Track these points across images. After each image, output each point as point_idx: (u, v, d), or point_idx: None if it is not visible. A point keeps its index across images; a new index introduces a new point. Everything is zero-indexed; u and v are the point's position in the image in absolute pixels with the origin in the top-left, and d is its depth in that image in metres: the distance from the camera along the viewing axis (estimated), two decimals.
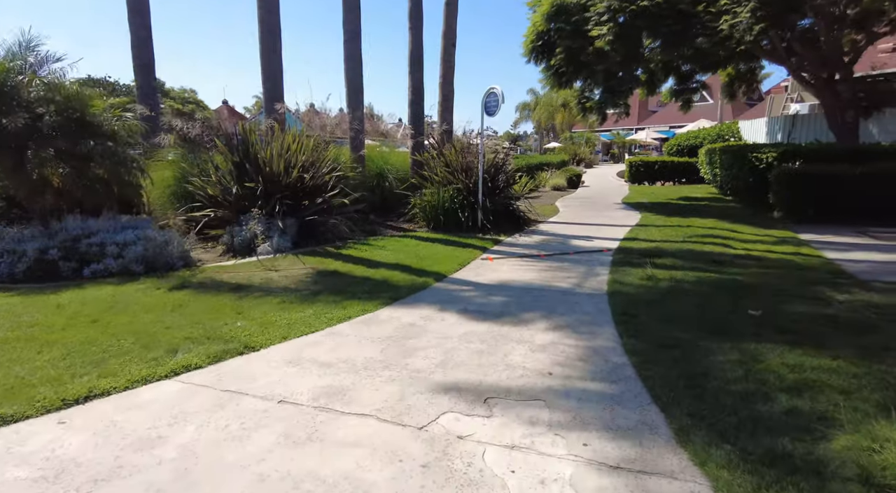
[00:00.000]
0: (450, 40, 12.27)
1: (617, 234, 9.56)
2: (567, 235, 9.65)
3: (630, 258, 7.28)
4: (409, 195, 10.91)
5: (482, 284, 6.12)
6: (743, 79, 18.20)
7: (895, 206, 10.47)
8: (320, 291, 5.76)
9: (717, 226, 10.14)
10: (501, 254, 7.94)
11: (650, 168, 21.86)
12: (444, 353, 3.95)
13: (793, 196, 11.21)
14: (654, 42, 12.12)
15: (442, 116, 12.37)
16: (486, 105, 9.94)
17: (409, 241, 8.93)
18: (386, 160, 11.59)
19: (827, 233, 9.52)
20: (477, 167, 10.34)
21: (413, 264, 7.02)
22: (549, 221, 11.57)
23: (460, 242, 8.76)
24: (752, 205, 13.50)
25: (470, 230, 9.93)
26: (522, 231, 10.13)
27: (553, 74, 14.00)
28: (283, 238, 8.17)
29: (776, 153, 12.41)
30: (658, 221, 10.94)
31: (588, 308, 5.05)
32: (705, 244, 8.16)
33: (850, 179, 10.66)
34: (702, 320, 4.51)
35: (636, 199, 15.91)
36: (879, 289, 5.41)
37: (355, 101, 10.58)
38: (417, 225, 10.59)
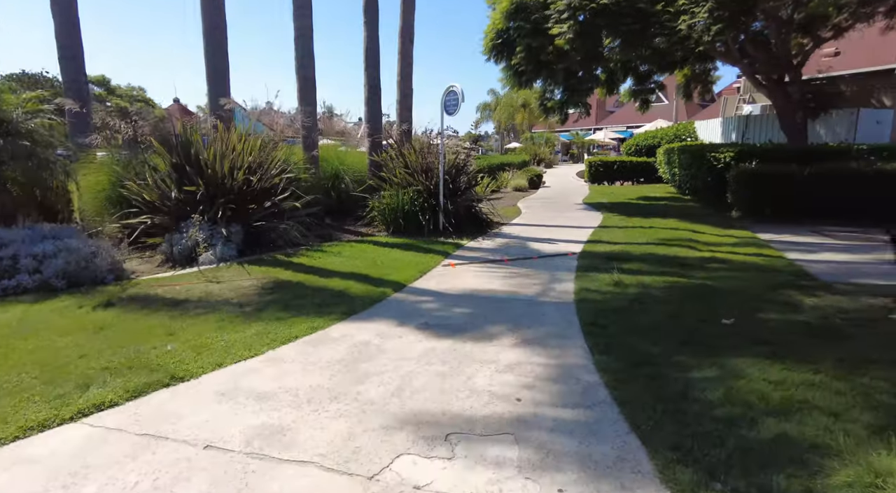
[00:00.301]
0: (407, 36, 11.84)
1: (580, 236, 9.37)
2: (530, 237, 9.39)
3: (595, 263, 7.05)
4: (367, 198, 10.43)
5: (444, 293, 5.74)
6: (698, 80, 18.52)
7: (845, 205, 10.73)
8: (266, 305, 5.24)
9: (679, 226, 10.11)
10: (464, 259, 7.59)
11: (609, 168, 22.05)
12: (402, 378, 3.54)
13: (751, 196, 11.34)
14: (613, 41, 12.04)
15: (401, 115, 11.93)
16: (446, 104, 9.57)
17: (366, 246, 8.46)
18: (342, 160, 11.05)
19: (784, 232, 9.62)
20: (438, 168, 9.96)
21: (370, 273, 6.57)
22: (511, 222, 11.31)
23: (421, 247, 8.36)
24: (711, 204, 13.65)
25: (431, 234, 9.54)
26: (485, 234, 9.81)
27: (513, 74, 13.76)
28: (228, 246, 7.57)
29: (733, 153, 12.56)
30: (620, 223, 10.84)
31: (556, 319, 4.74)
32: (670, 246, 8.04)
33: (803, 179, 10.85)
34: (674, 330, 4.27)
35: (597, 199, 15.90)
36: (843, 291, 5.33)
37: (308, 97, 10.01)
38: (376, 229, 10.12)
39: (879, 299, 5.00)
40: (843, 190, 10.63)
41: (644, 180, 21.58)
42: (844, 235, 9.30)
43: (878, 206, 10.54)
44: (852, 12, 14.23)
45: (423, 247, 8.39)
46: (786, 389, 3.15)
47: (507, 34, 13.59)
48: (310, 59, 10.02)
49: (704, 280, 5.88)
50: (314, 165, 10.14)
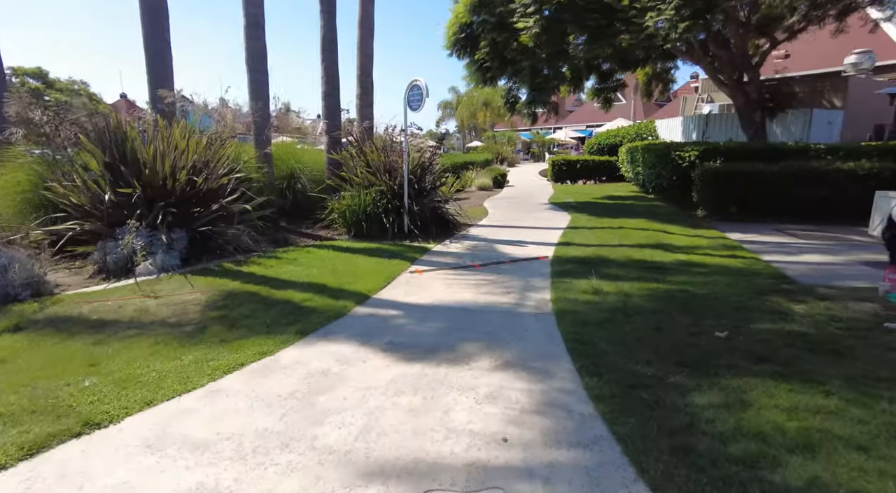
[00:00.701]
0: (367, 28, 11.24)
1: (550, 238, 9.04)
2: (500, 239, 8.99)
3: (570, 267, 6.70)
4: (326, 198, 9.79)
5: (412, 305, 5.24)
6: (659, 79, 18.67)
7: (805, 203, 10.83)
8: (209, 324, 4.60)
9: (649, 227, 9.93)
10: (432, 265, 7.10)
11: (572, 167, 22.01)
12: (367, 415, 3.03)
13: (717, 195, 11.33)
14: (579, 37, 11.79)
15: (361, 112, 11.31)
16: (409, 99, 9.05)
17: (325, 252, 7.84)
18: (298, 159, 10.34)
19: (751, 232, 9.59)
20: (402, 167, 9.43)
21: (329, 283, 5.99)
22: (479, 224, 10.89)
23: (386, 252, 7.81)
24: (676, 203, 13.65)
25: (396, 237, 9.01)
26: (453, 236, 9.35)
27: (477, 69, 13.35)
28: (170, 254, 6.82)
29: (698, 152, 12.56)
30: (589, 223, 10.59)
31: (536, 334, 4.32)
32: (643, 248, 7.79)
33: (766, 178, 10.90)
34: (665, 345, 3.92)
35: (562, 198, 15.71)
36: (828, 296, 5.14)
37: (259, 90, 9.27)
38: (336, 232, 9.50)
39: (867, 304, 4.82)
40: (803, 189, 10.73)
41: (606, 179, 21.65)
42: (808, 234, 9.34)
43: (835, 204, 10.70)
44: (804, 15, 14.58)
45: (388, 252, 7.85)
46: (801, 418, 2.81)
47: (472, 28, 13.17)
48: (261, 50, 9.29)
49: (685, 286, 5.59)
50: (268, 163, 9.41)
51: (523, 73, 12.33)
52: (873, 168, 10.45)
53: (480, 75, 13.56)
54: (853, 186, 10.53)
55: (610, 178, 21.59)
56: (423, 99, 8.82)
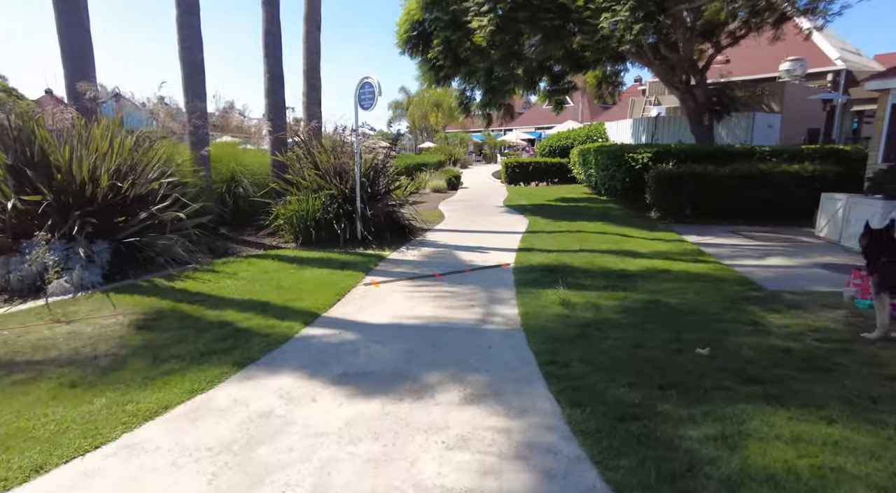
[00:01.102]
0: (314, 22, 10.58)
1: (510, 243, 8.73)
2: (458, 245, 8.59)
3: (534, 276, 6.38)
4: (270, 203, 9.08)
5: (368, 325, 4.73)
6: (609, 81, 18.88)
7: (755, 204, 11.06)
8: (130, 355, 3.94)
9: (606, 230, 9.81)
10: (389, 275, 6.60)
11: (525, 169, 21.97)
12: (318, 471, 2.52)
13: (670, 197, 11.39)
14: (533, 37, 11.60)
15: (308, 111, 10.64)
16: (360, 97, 8.50)
17: (269, 263, 7.18)
18: (239, 160, 9.56)
19: (707, 234, 9.63)
20: (353, 170, 8.87)
21: (273, 300, 5.38)
22: (436, 228, 10.46)
23: (337, 262, 7.24)
24: (629, 205, 13.72)
25: (348, 244, 8.43)
26: (409, 243, 8.87)
27: (430, 69, 12.93)
28: (90, 270, 6.00)
29: (651, 154, 12.64)
30: (548, 227, 10.37)
31: (507, 356, 3.92)
32: (604, 254, 7.59)
33: (717, 180, 11.05)
34: (646, 365, 3.61)
35: (517, 201, 15.53)
36: (797, 303, 5.03)
37: (195, 86, 8.47)
38: (282, 240, 8.81)
39: (836, 312, 4.73)
40: (752, 191, 10.95)
41: (558, 181, 21.74)
42: (762, 236, 9.47)
43: (781, 205, 10.98)
44: (745, 21, 15.08)
45: (340, 261, 7.28)
46: (810, 453, 2.53)
47: (424, 26, 12.75)
48: (196, 41, 8.48)
49: (656, 296, 5.36)
50: (205, 166, 8.61)
51: (478, 74, 12.01)
52: (816, 171, 10.78)
53: (433, 75, 13.15)
54: (798, 187, 10.84)
55: (562, 179, 21.70)
56: (375, 97, 8.30)
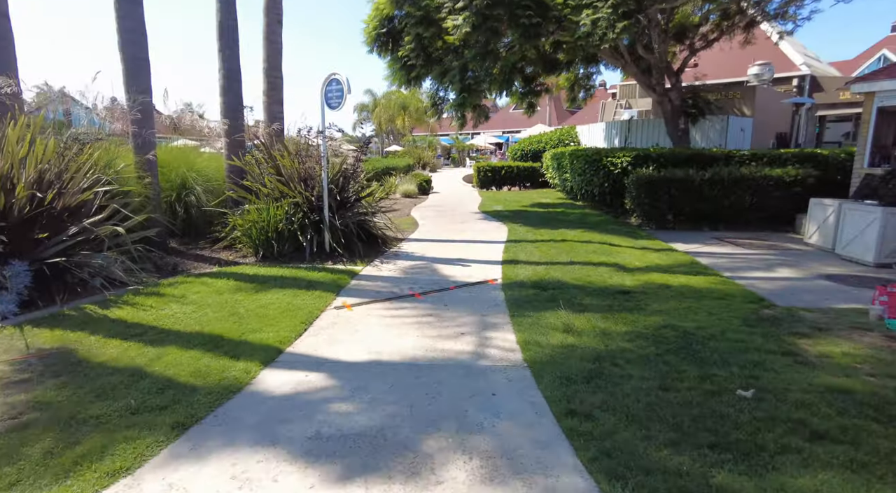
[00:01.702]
0: (275, 16, 9.71)
1: (492, 254, 8.09)
2: (437, 258, 7.88)
3: (525, 293, 5.73)
4: (227, 213, 8.16)
5: (343, 363, 3.97)
6: (581, 84, 18.56)
7: (737, 209, 10.79)
8: (35, 417, 3.07)
9: (592, 239, 9.28)
10: (363, 295, 5.83)
11: (497, 173, 21.46)
12: None
13: (652, 202, 11.01)
14: (510, 35, 11.02)
15: (269, 111, 9.74)
16: (327, 96, 7.70)
17: (224, 282, 6.29)
18: (191, 165, 8.57)
19: (692, 241, 9.25)
20: (320, 175, 8.06)
21: (228, 331, 4.55)
22: (410, 238, 9.72)
23: (303, 281, 6.41)
24: (607, 211, 13.34)
25: (316, 258, 7.61)
26: (383, 255, 8.11)
27: (401, 68, 12.18)
28: (3, 298, 5.01)
29: (630, 158, 12.27)
30: (529, 235, 9.78)
31: (515, 405, 3.23)
32: (597, 267, 7.02)
33: (700, 185, 10.73)
34: (685, 416, 2.98)
35: (492, 206, 14.95)
36: (822, 324, 4.54)
37: (138, 81, 7.48)
38: (240, 254, 7.90)
39: (871, 335, 4.25)
40: (734, 195, 10.67)
41: (530, 185, 21.33)
42: (749, 243, 9.14)
43: (762, 210, 10.75)
44: (716, 24, 14.99)
45: (306, 279, 6.46)
46: None
47: (394, 23, 12.02)
48: (138, 30, 7.50)
49: (667, 318, 4.79)
50: (151, 172, 7.63)
51: (452, 73, 11.34)
52: (798, 175, 10.58)
53: (404, 74, 12.41)
54: (779, 192, 10.62)
55: (534, 184, 21.30)
56: (343, 96, 7.52)
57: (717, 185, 10.68)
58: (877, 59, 29.94)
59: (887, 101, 8.65)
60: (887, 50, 30.13)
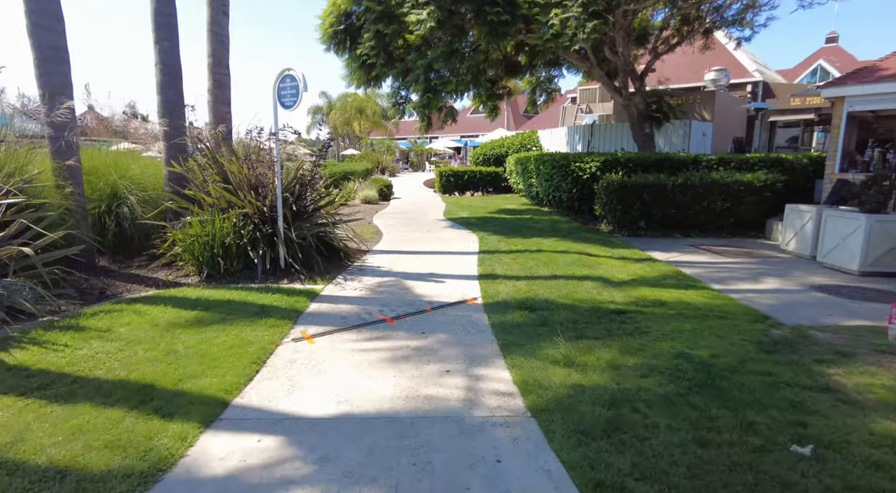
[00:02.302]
0: (220, 6, 8.76)
1: (466, 267, 7.45)
2: (407, 272, 7.17)
3: (512, 317, 5.11)
4: (167, 227, 7.17)
5: (305, 420, 3.20)
6: (543, 87, 18.28)
7: (708, 215, 10.62)
8: None
9: (568, 248, 8.81)
10: (326, 322, 5.06)
11: (459, 178, 20.93)
12: None
13: (623, 209, 10.69)
14: (476, 34, 10.46)
15: (215, 111, 8.76)
16: (280, 94, 6.87)
17: (161, 310, 5.36)
18: (123, 172, 7.48)
19: (670, 249, 8.92)
20: (273, 182, 7.20)
21: (160, 379, 3.69)
22: (375, 249, 8.96)
23: (255, 305, 5.56)
24: (576, 217, 12.98)
25: (270, 277, 6.75)
26: (346, 270, 7.32)
27: (360, 67, 11.40)
28: None
29: (599, 163, 11.95)
30: (502, 245, 9.21)
31: (528, 479, 2.57)
32: (581, 281, 6.50)
33: (671, 190, 10.49)
34: (740, 485, 2.41)
35: (457, 213, 14.35)
36: (843, 349, 4.14)
37: (52, 76, 6.43)
38: (183, 273, 6.93)
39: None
40: (706, 200, 10.49)
41: (493, 190, 20.92)
42: (726, 251, 8.90)
43: (731, 215, 10.62)
44: (677, 29, 14.99)
45: (258, 304, 5.61)
46: None
47: (352, 19, 11.24)
48: (53, 15, 6.44)
49: (676, 344, 4.27)
50: (74, 180, 6.57)
51: (416, 73, 10.65)
52: (767, 179, 10.50)
53: (363, 74, 11.63)
54: (750, 197, 10.51)
55: (496, 189, 20.90)
56: (299, 94, 6.71)
57: (690, 190, 10.47)
58: (812, 71, 31.37)
59: (857, 105, 8.61)
60: (823, 60, 31.58)
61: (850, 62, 30.65)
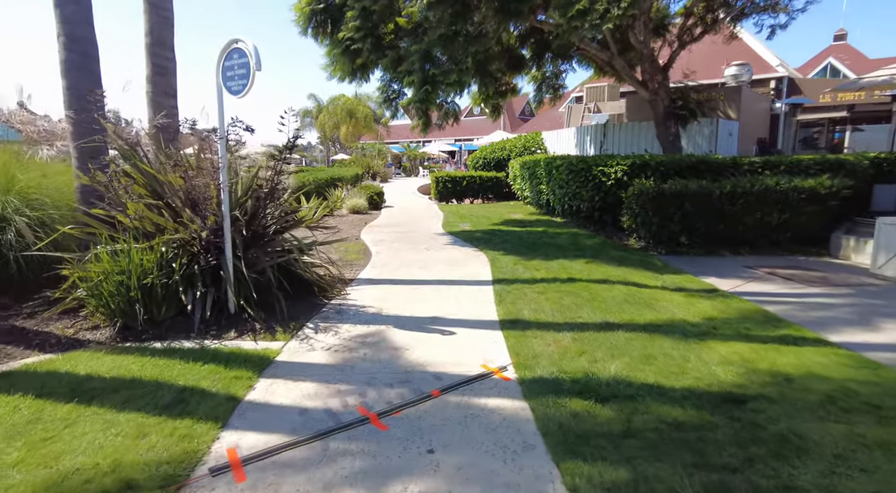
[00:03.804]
0: None
1: (481, 306, 5.59)
2: (401, 317, 5.28)
3: (571, 409, 3.24)
4: (67, 260, 5.22)
5: None
6: (550, 84, 16.51)
7: (760, 229, 8.85)
8: None
9: (606, 275, 6.97)
10: (272, 424, 3.15)
11: (458, 184, 19.05)
12: None
13: (662, 221, 8.88)
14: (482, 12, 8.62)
15: (154, 103, 6.85)
16: (226, 75, 4.98)
17: (17, 402, 3.43)
18: (8, 185, 5.55)
19: (728, 274, 7.11)
20: (218, 197, 5.30)
21: None
22: (361, 277, 7.06)
23: (171, 388, 3.64)
24: (597, 229, 11.18)
25: (213, 327, 4.85)
26: (319, 313, 5.42)
27: (343, 53, 9.51)
28: None
29: (626, 167, 10.17)
30: (520, 269, 7.35)
31: None
32: (649, 334, 4.65)
33: (720, 200, 8.71)
34: None
35: (458, 225, 12.50)
36: None
37: None
38: (89, 323, 5.00)
39: None
40: (761, 210, 8.72)
41: (494, 197, 19.11)
42: (795, 274, 7.11)
43: (791, 227, 8.85)
44: (700, 17, 13.27)
45: (176, 386, 3.69)
46: None
47: None
48: None
49: None
50: None
51: (410, 61, 8.74)
52: (833, 186, 8.73)
53: (348, 62, 9.74)
54: (811, 206, 8.73)
55: (498, 196, 19.09)
56: (250, 74, 4.81)
57: (740, 199, 8.69)
58: (822, 69, 30.00)
59: None
60: (833, 58, 30.23)
61: (860, 60, 29.27)
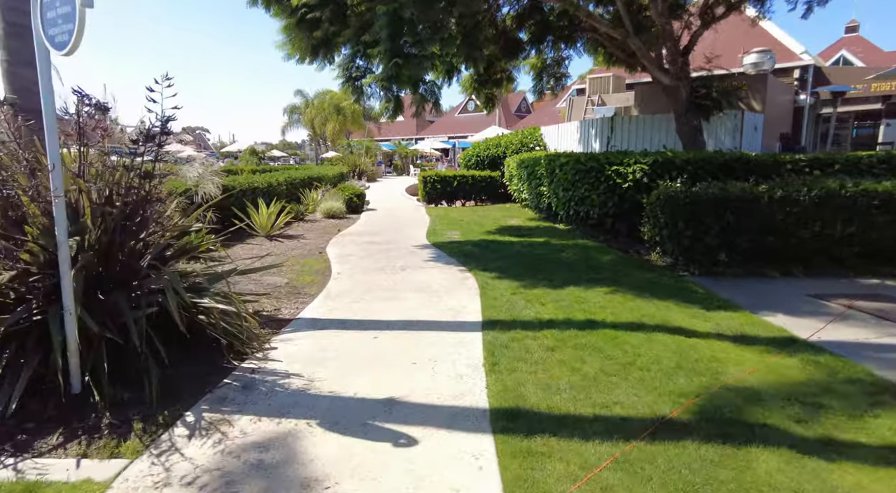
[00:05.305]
0: None
1: (463, 377, 3.73)
2: (336, 397, 3.41)
3: None
4: None
5: None
6: (551, 72, 14.65)
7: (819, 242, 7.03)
8: None
9: (639, 316, 5.11)
10: None
11: (448, 184, 17.17)
12: None
13: (696, 234, 7.05)
14: None
15: (13, 78, 4.96)
16: (46, 18, 3.11)
17: None
18: None
19: (797, 311, 5.26)
20: (48, 210, 3.40)
21: None
22: (301, 317, 5.16)
23: None
24: (609, 239, 9.35)
25: (25, 425, 2.97)
26: (214, 390, 3.53)
27: (298, 24, 7.57)
28: None
29: (646, 165, 8.35)
30: (520, 304, 5.49)
31: None
32: (746, 452, 2.81)
33: (771, 206, 6.91)
34: None
35: (446, 234, 10.65)
36: None
37: None
38: None
39: None
40: (821, 220, 6.91)
41: (488, 199, 17.27)
42: (883, 308, 5.29)
43: (860, 242, 7.04)
44: None
45: None
46: None
47: None
48: None
49: None
50: None
51: (379, 25, 6.75)
52: None
53: (305, 36, 7.79)
54: (884, 216, 6.94)
55: (492, 197, 17.27)
56: (76, 14, 2.93)
57: (795, 207, 6.88)
58: (835, 61, 28.38)
59: None
60: (846, 50, 28.66)
61: (874, 52, 27.74)
